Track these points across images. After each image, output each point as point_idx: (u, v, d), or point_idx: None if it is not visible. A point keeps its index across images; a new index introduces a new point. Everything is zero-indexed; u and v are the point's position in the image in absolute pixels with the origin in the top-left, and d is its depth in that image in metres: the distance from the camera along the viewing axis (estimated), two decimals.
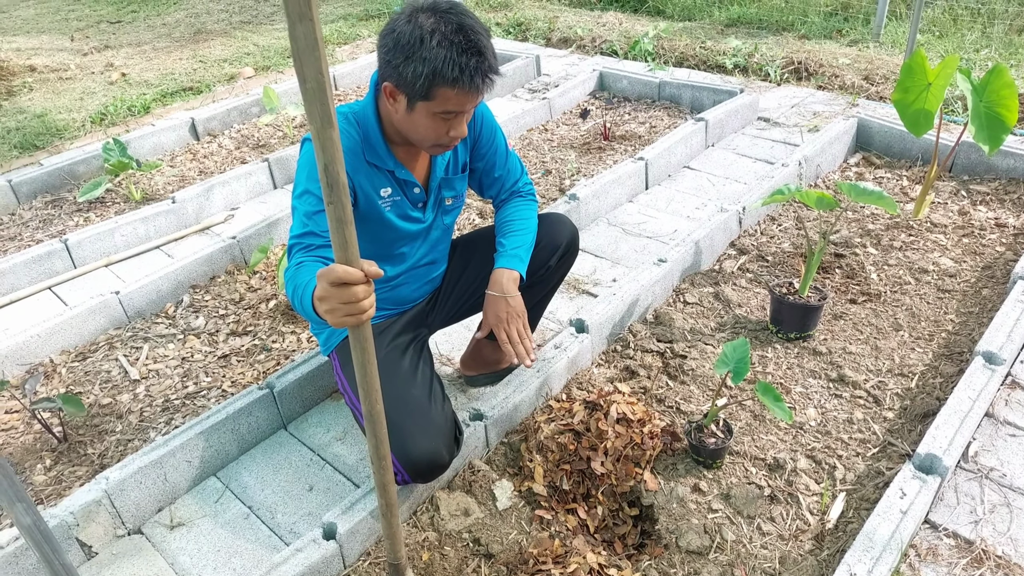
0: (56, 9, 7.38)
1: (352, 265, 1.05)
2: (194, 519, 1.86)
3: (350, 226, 1.02)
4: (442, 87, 1.42)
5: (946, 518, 1.65)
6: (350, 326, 1.10)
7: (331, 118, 0.92)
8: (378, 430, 1.23)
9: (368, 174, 1.62)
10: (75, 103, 4.63)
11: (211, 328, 2.55)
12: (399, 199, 1.68)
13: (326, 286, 1.07)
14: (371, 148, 1.61)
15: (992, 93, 2.43)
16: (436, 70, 1.39)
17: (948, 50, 4.21)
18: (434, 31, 1.40)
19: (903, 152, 3.29)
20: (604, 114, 4.04)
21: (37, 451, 2.08)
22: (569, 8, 5.98)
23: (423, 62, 1.39)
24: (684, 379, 2.14)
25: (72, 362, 2.43)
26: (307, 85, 0.90)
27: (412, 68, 1.40)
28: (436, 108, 1.46)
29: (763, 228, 2.87)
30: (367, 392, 1.18)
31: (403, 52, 1.41)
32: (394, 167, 1.64)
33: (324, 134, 0.93)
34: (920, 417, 1.94)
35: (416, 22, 1.41)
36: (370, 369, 1.15)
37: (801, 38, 4.74)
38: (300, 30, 0.86)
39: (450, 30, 1.40)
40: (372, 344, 1.14)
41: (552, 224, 1.92)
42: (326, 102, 0.91)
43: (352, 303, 1.07)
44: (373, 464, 1.28)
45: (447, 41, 1.39)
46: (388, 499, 1.33)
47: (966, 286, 2.44)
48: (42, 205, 3.48)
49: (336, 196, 0.98)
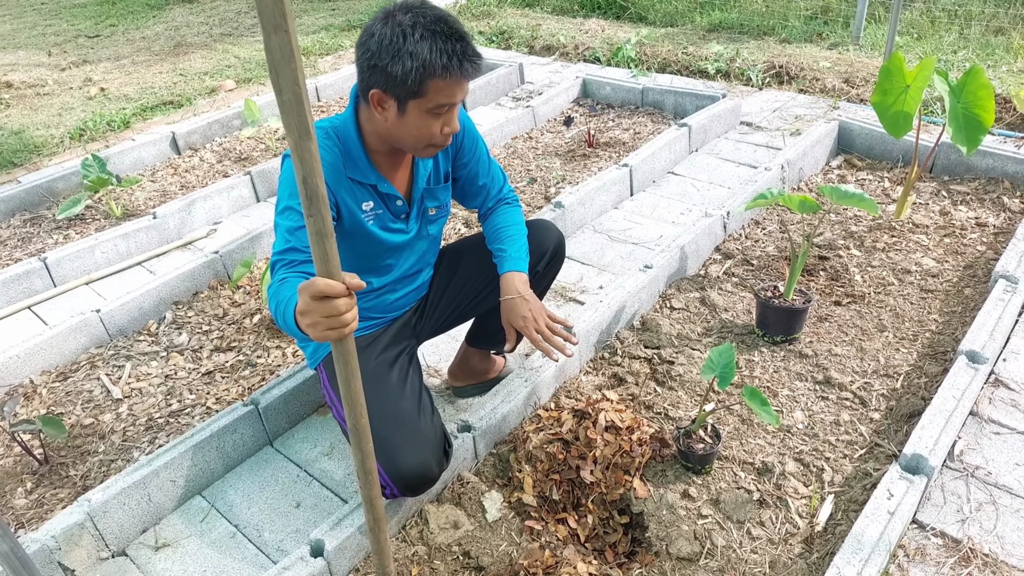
0: (33, 24, 7.31)
1: (333, 278, 1.04)
2: (179, 539, 1.84)
3: (330, 239, 1.00)
4: (433, 79, 1.42)
5: (933, 518, 1.66)
6: (333, 340, 1.09)
7: (309, 130, 0.91)
8: (364, 444, 1.22)
9: (350, 189, 1.61)
10: (53, 119, 4.59)
11: (194, 344, 2.52)
12: (381, 212, 1.68)
13: (307, 300, 1.06)
14: (352, 163, 1.60)
15: (969, 94, 2.46)
16: (425, 61, 1.40)
17: (927, 52, 4.26)
18: (415, 24, 1.40)
19: (884, 154, 3.32)
20: (588, 121, 4.05)
21: (17, 474, 2.04)
22: (551, 16, 6.01)
23: (411, 56, 1.39)
24: (672, 385, 2.14)
25: (53, 382, 2.40)
26: (283, 97, 0.89)
27: (400, 65, 1.40)
28: (429, 104, 1.45)
29: (747, 232, 2.89)
30: (352, 406, 1.17)
31: (388, 52, 1.40)
32: (376, 181, 1.63)
33: (302, 146, 0.92)
34: (906, 417, 1.95)
35: (394, 21, 1.42)
36: (354, 383, 1.14)
37: (782, 42, 4.79)
38: (275, 41, 0.85)
39: (429, 21, 1.42)
40: (356, 358, 1.13)
41: (538, 231, 1.92)
42: (303, 114, 0.90)
43: (334, 316, 1.06)
44: (359, 478, 1.27)
45: (429, 32, 1.40)
46: (376, 513, 1.32)
47: (948, 286, 2.46)
48: (20, 223, 3.44)
49: (316, 209, 0.97)
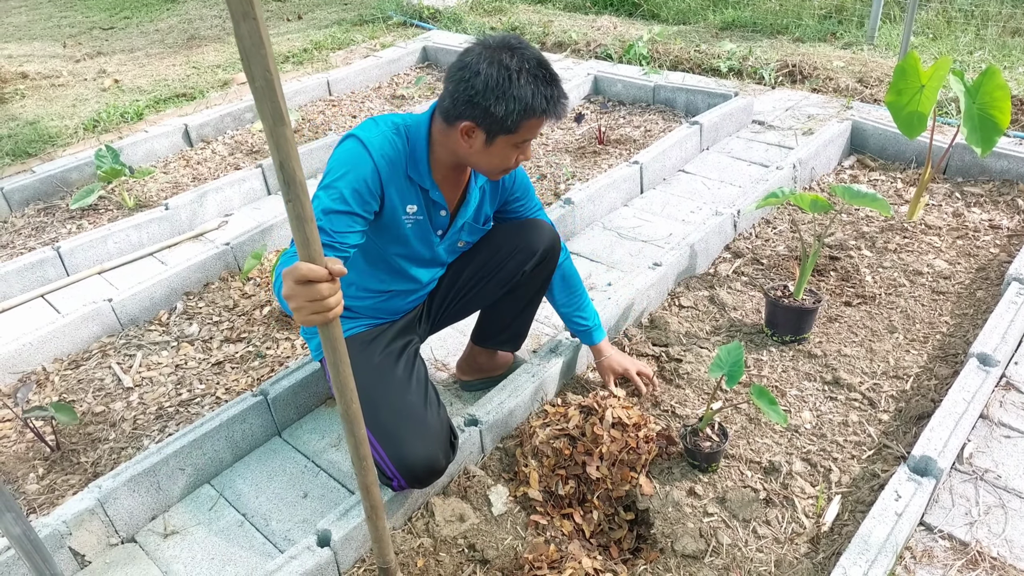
0: (48, 16, 7.36)
1: (316, 262, 1.05)
2: (188, 527, 1.85)
3: (311, 223, 1.01)
4: (531, 119, 1.51)
5: (941, 520, 1.65)
6: (318, 324, 1.10)
7: (282, 116, 0.91)
8: (356, 430, 1.22)
9: (400, 188, 1.63)
10: (68, 110, 4.62)
11: (205, 335, 2.54)
12: (422, 219, 1.70)
13: (291, 284, 1.07)
14: (414, 163, 1.62)
15: (985, 95, 2.44)
16: (528, 105, 1.48)
17: (942, 52, 4.22)
18: (520, 70, 1.47)
19: (897, 154, 3.29)
20: (599, 118, 4.04)
21: (29, 460, 2.07)
22: (563, 12, 6.00)
23: (515, 100, 1.47)
24: (679, 383, 2.14)
25: (65, 370, 2.42)
26: (256, 84, 0.89)
27: (504, 107, 1.47)
28: (518, 139, 1.54)
29: (758, 231, 2.87)
30: (342, 391, 1.17)
31: (494, 93, 1.47)
32: (430, 187, 1.66)
33: (276, 131, 0.92)
34: (915, 419, 1.94)
35: (501, 63, 1.47)
36: (343, 368, 1.14)
37: (795, 41, 4.76)
38: (244, 28, 0.85)
39: (532, 66, 1.49)
40: (343, 343, 1.13)
41: (531, 230, 1.90)
42: (276, 100, 0.90)
43: (317, 300, 1.07)
44: (354, 465, 1.27)
45: (532, 76, 1.48)
46: (372, 501, 1.32)
47: (960, 288, 2.45)
48: (34, 213, 3.47)
49: (294, 194, 0.97)
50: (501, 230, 1.93)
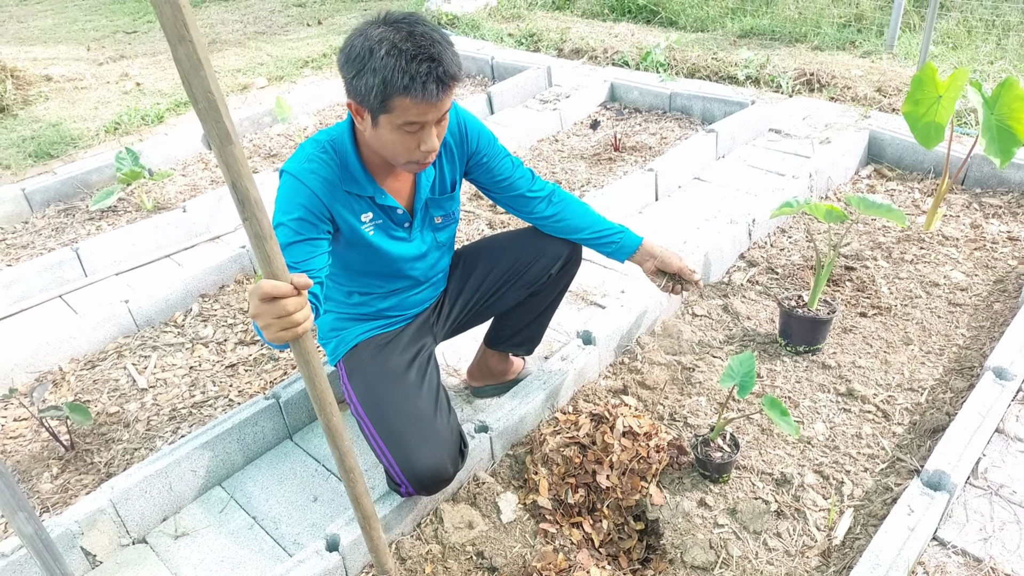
0: (73, 19, 7.49)
1: (279, 279, 1.05)
2: (198, 529, 1.87)
3: (271, 240, 1.01)
4: (396, 96, 1.39)
5: (955, 535, 1.63)
6: (288, 340, 1.10)
7: (229, 136, 0.91)
8: (339, 442, 1.22)
9: (346, 202, 1.59)
10: (90, 112, 4.70)
11: (219, 337, 2.56)
12: (382, 221, 1.66)
13: (256, 302, 1.07)
14: (349, 176, 1.58)
15: (1004, 106, 2.41)
16: (386, 79, 1.37)
17: (962, 62, 4.18)
18: (382, 40, 1.38)
19: (915, 164, 3.26)
20: (615, 125, 4.04)
21: (44, 459, 2.10)
22: (581, 19, 6.01)
23: (373, 72, 1.37)
24: (692, 392, 2.13)
25: (81, 370, 2.45)
26: (199, 105, 0.89)
27: (364, 80, 1.39)
28: (397, 120, 1.43)
29: (773, 240, 2.86)
30: (320, 404, 1.17)
31: (355, 66, 1.40)
32: (374, 193, 1.61)
33: (225, 151, 0.92)
34: (929, 432, 1.92)
35: (367, 35, 1.40)
36: (319, 382, 1.14)
37: (814, 49, 4.73)
38: (182, 52, 0.85)
39: (400, 38, 1.38)
40: (316, 357, 1.13)
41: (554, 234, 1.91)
42: (221, 120, 0.90)
43: (284, 316, 1.07)
44: (342, 477, 1.27)
45: (396, 49, 1.37)
46: (364, 511, 1.33)
47: (977, 300, 2.42)
48: (55, 213, 3.52)
49: (250, 212, 0.97)
50: (525, 235, 1.93)
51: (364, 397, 1.68)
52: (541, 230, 1.91)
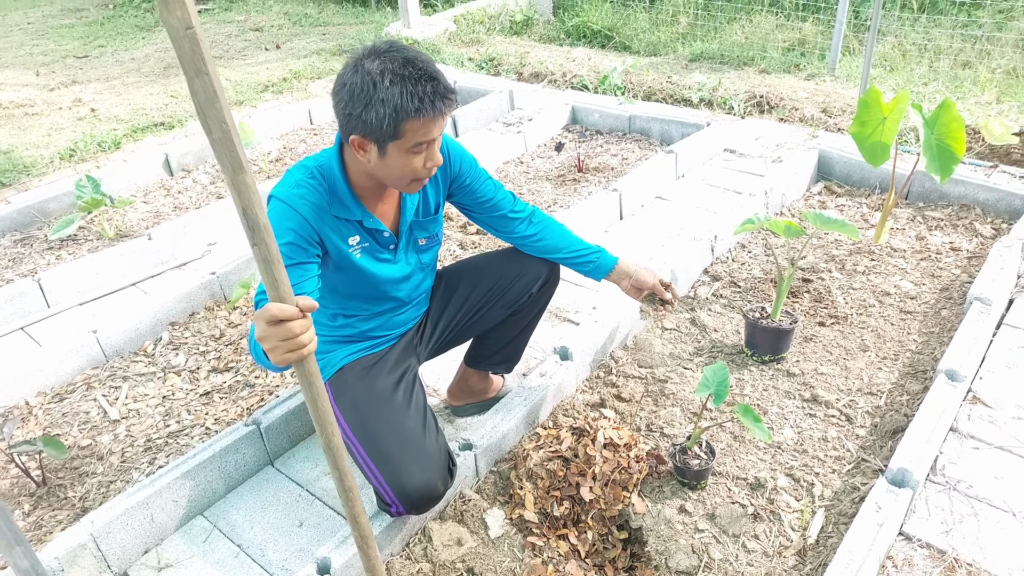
0: (20, 43, 7.31)
1: (285, 302, 1.08)
2: (182, 560, 1.85)
3: (278, 265, 1.04)
4: (407, 121, 1.45)
5: (919, 529, 1.73)
6: (293, 362, 1.13)
7: (242, 164, 0.95)
8: (339, 462, 1.24)
9: (335, 226, 1.63)
10: (42, 139, 4.59)
11: (192, 365, 2.54)
12: (368, 244, 1.71)
13: (263, 326, 1.10)
14: (338, 200, 1.62)
15: (942, 127, 2.58)
16: (397, 107, 1.43)
17: (899, 83, 4.43)
18: (383, 71, 1.43)
19: (862, 181, 3.45)
20: (578, 147, 4.15)
21: (15, 496, 2.04)
22: (539, 44, 6.15)
23: (382, 103, 1.42)
24: (666, 403, 2.20)
25: (49, 404, 2.40)
26: (213, 136, 0.92)
27: (374, 113, 1.43)
28: (407, 144, 1.48)
29: (734, 255, 2.98)
30: (322, 425, 1.19)
31: (361, 101, 1.44)
32: (361, 216, 1.66)
33: (237, 179, 0.96)
34: (890, 433, 2.03)
35: (363, 69, 1.44)
36: (321, 403, 1.17)
37: (761, 72, 4.95)
38: (198, 84, 0.89)
39: (397, 65, 1.44)
40: (320, 378, 1.16)
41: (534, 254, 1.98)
42: (234, 149, 0.93)
43: (290, 339, 1.10)
44: (341, 497, 1.28)
45: (398, 77, 1.43)
46: (361, 531, 1.34)
47: (926, 307, 2.57)
48: (11, 243, 3.43)
49: (259, 238, 1.00)
50: (506, 255, 1.98)
51: (352, 419, 1.70)
52: (521, 250, 1.97)
